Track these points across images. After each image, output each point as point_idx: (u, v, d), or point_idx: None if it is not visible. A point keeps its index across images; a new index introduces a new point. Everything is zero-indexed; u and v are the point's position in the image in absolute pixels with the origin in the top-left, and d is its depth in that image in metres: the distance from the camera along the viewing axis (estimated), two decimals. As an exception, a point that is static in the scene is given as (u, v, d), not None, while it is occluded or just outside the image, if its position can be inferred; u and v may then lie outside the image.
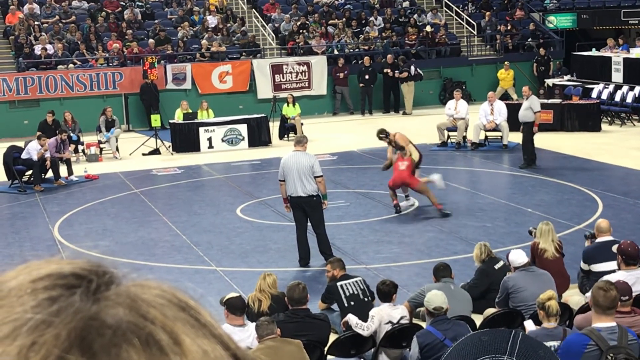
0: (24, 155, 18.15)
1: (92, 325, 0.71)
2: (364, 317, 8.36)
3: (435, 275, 9.17)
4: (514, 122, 21.09)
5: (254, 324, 7.55)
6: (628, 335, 6.34)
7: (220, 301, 8.46)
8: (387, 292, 8.46)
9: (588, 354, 6.15)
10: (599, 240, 9.97)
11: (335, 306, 9.52)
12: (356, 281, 9.39)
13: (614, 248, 9.19)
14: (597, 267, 9.65)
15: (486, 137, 21.35)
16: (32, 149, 18.16)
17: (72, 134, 21.22)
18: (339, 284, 9.33)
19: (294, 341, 7.35)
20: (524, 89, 18.76)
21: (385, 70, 27.50)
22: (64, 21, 28.03)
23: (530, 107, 17.89)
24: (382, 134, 15.22)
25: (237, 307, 7.90)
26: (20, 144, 19.05)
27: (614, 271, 8.96)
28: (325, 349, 8.09)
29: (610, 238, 9.96)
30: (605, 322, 6.36)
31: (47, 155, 18.13)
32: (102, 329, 0.71)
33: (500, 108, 20.99)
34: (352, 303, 9.17)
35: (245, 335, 7.75)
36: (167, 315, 0.74)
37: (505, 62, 28.34)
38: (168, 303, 0.76)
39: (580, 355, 6.12)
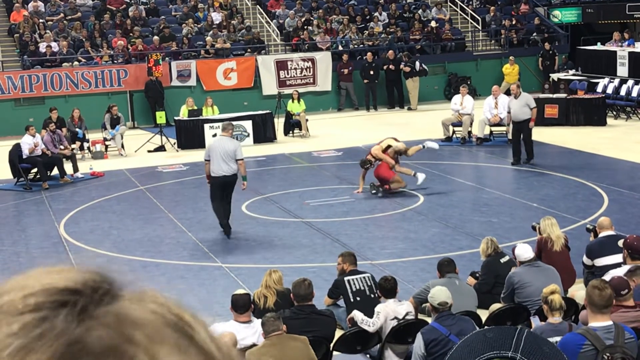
0: (24, 155, 18.24)
1: (72, 350, 0.70)
2: (369, 314, 8.37)
3: (439, 271, 9.17)
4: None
5: (260, 320, 7.56)
6: (625, 333, 6.33)
7: None
8: (391, 288, 8.46)
9: (584, 354, 6.13)
10: (602, 234, 9.96)
11: (341, 302, 9.53)
12: (364, 277, 9.39)
13: (620, 242, 9.17)
14: (601, 261, 9.63)
15: (491, 132, 21.35)
16: (24, 143, 18.26)
17: (79, 131, 21.30)
18: (346, 278, 9.33)
19: (300, 337, 7.36)
20: (512, 87, 18.54)
21: (385, 66, 27.47)
22: (68, 18, 28.06)
23: (527, 104, 17.88)
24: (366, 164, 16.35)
25: (239, 305, 7.90)
26: (26, 141, 19.09)
27: (619, 265, 8.95)
28: (331, 345, 8.10)
29: (612, 232, 9.95)
30: (601, 321, 6.34)
31: (39, 142, 18.29)
32: (82, 354, 0.70)
33: (505, 102, 20.95)
34: (358, 299, 9.18)
35: (250, 332, 7.76)
36: (152, 338, 0.73)
37: (510, 57, 28.31)
38: (159, 320, 0.75)
39: (576, 355, 6.10)
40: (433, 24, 29.79)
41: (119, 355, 0.71)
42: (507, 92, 24.74)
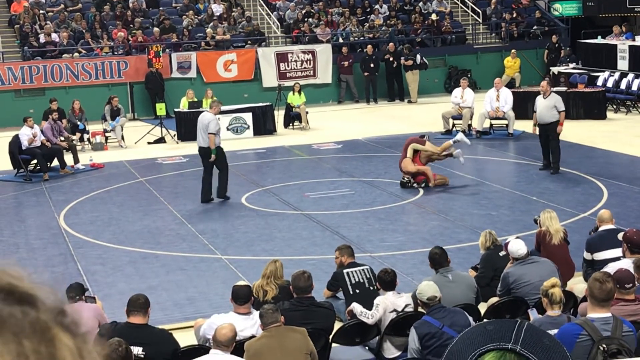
0: (23, 147, 18.21)
1: None
2: (368, 306, 8.37)
3: (433, 265, 8.99)
4: (519, 110, 21.06)
5: (259, 312, 7.57)
6: (623, 326, 6.34)
7: None
8: (390, 280, 8.45)
9: (580, 344, 6.15)
10: (601, 228, 9.96)
11: (340, 294, 9.54)
12: (363, 270, 9.39)
13: (620, 236, 9.17)
14: (601, 255, 9.63)
15: (491, 125, 21.35)
16: (23, 134, 18.24)
17: (79, 123, 21.31)
18: (345, 271, 9.34)
19: (299, 329, 7.37)
20: (542, 84, 17.33)
21: (386, 57, 27.44)
22: (69, 10, 28.03)
23: (556, 105, 16.70)
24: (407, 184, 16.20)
25: (239, 296, 7.92)
26: (26, 132, 19.07)
27: (618, 259, 8.95)
28: (330, 337, 8.12)
29: (613, 226, 9.95)
30: (600, 312, 6.36)
31: (37, 133, 18.25)
32: None
33: (507, 96, 20.95)
34: (358, 291, 9.18)
35: (250, 323, 7.77)
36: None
37: (513, 50, 28.26)
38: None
39: (573, 345, 6.12)
40: (433, 16, 29.76)
41: None
42: (508, 85, 24.79)
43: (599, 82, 24.72)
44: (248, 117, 22.36)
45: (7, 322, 0.77)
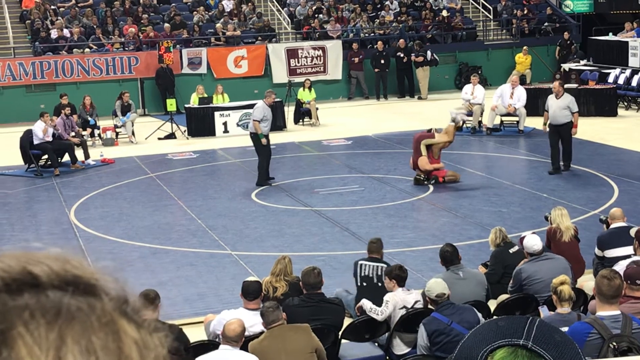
0: (35, 141, 18.25)
1: None
2: (375, 302, 8.38)
3: (444, 263, 8.99)
4: (530, 107, 20.99)
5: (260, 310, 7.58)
6: (633, 323, 6.32)
7: None
8: (405, 277, 8.46)
9: (590, 342, 6.14)
10: (613, 225, 9.93)
11: (350, 290, 9.55)
12: (377, 266, 9.35)
13: (632, 231, 9.13)
14: (612, 253, 9.60)
15: (502, 121, 21.30)
16: (37, 127, 18.29)
17: (90, 118, 21.36)
18: (360, 262, 9.35)
19: (302, 326, 7.37)
20: (554, 84, 17.16)
21: (397, 54, 27.40)
22: (80, 5, 28.08)
23: (569, 106, 16.50)
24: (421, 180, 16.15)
25: (249, 292, 7.94)
26: (37, 128, 19.12)
27: (629, 256, 8.92)
28: (340, 333, 8.13)
29: (624, 224, 9.91)
30: (609, 310, 6.34)
31: (52, 130, 18.30)
32: None
33: (520, 94, 20.87)
34: (365, 284, 9.19)
35: (259, 319, 7.78)
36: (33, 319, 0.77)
37: (524, 47, 28.19)
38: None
39: (583, 343, 6.10)
40: (444, 13, 29.71)
41: None
42: (519, 82, 24.68)
43: (610, 79, 24.63)
44: (258, 113, 22.34)
45: (75, 318, 0.76)
